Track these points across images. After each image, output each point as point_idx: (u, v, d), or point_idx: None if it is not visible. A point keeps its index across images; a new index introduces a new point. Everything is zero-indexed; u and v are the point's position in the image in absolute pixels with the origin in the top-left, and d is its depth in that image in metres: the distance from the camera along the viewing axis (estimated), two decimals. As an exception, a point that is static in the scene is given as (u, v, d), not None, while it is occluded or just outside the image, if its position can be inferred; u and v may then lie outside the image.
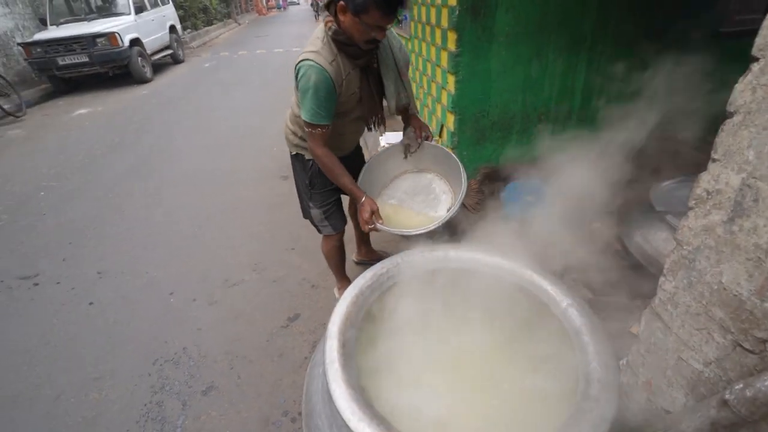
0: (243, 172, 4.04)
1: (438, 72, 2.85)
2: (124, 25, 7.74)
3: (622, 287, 2.05)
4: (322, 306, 2.30)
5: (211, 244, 2.93)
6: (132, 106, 6.73)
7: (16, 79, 7.44)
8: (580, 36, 2.50)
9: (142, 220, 3.32)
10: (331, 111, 1.47)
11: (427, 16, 2.91)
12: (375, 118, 1.69)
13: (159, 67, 9.42)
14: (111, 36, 7.32)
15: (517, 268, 1.11)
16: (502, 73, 2.54)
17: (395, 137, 2.13)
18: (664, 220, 1.77)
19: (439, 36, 2.68)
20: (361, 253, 2.51)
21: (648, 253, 1.84)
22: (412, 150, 1.79)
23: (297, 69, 1.42)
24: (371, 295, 1.10)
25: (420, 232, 1.51)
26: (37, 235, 3.20)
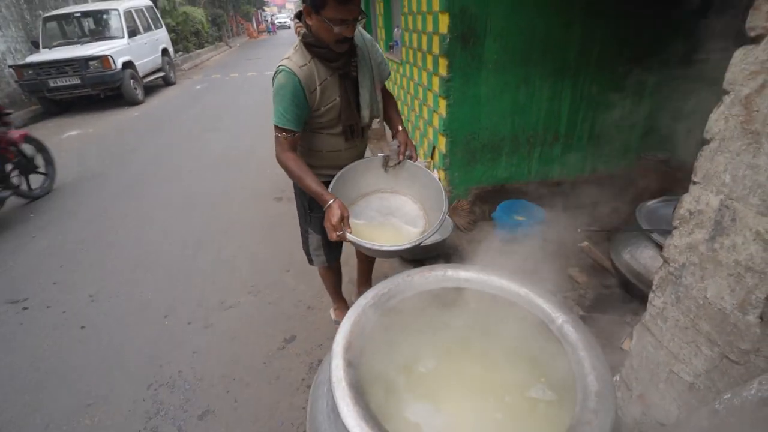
0: (236, 193, 4.06)
1: (430, 96, 2.96)
2: (117, 49, 7.83)
3: (612, 304, 2.11)
4: (318, 327, 2.30)
5: (206, 266, 2.92)
6: (123, 127, 6.74)
7: (6, 100, 7.42)
8: (564, 63, 2.63)
9: (134, 242, 3.30)
10: (300, 117, 1.45)
11: (419, 43, 3.03)
12: (350, 127, 1.60)
13: (151, 89, 9.49)
14: (104, 59, 7.39)
15: (513, 286, 1.15)
16: (491, 97, 2.65)
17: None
18: (650, 238, 1.84)
19: (431, 62, 2.80)
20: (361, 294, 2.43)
21: (635, 269, 1.90)
22: (390, 164, 1.65)
23: (272, 78, 1.45)
24: (373, 314, 1.13)
25: (396, 249, 1.40)
26: (27, 257, 3.15)
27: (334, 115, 1.54)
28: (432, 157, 3.04)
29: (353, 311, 1.10)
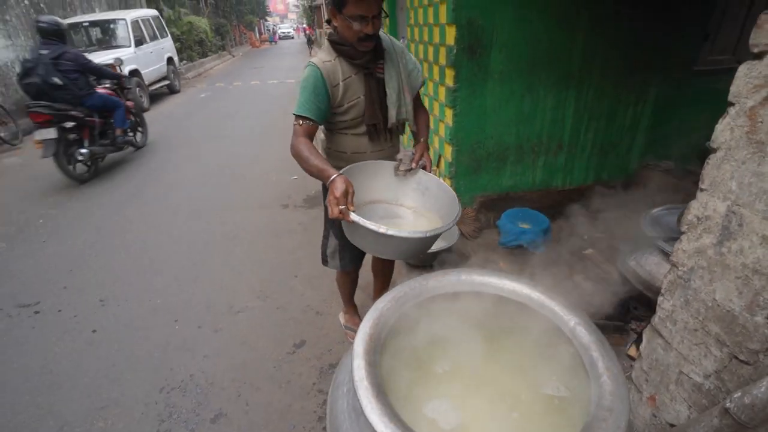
0: (242, 200, 4.10)
1: (436, 105, 3.01)
2: (125, 57, 7.93)
3: (617, 311, 2.13)
4: (327, 333, 2.32)
5: (214, 272, 2.95)
6: (129, 135, 6.81)
7: (13, 107, 7.49)
8: (568, 73, 2.69)
9: (143, 247, 3.34)
10: (319, 108, 1.49)
11: (425, 53, 3.10)
12: (374, 127, 1.61)
13: (156, 97, 9.59)
14: (111, 66, 7.48)
15: (526, 290, 1.18)
16: (496, 107, 2.71)
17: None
18: (655, 245, 1.87)
19: (438, 72, 2.86)
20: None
21: (641, 276, 1.93)
22: (401, 168, 1.62)
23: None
24: (391, 317, 1.16)
25: (404, 235, 1.27)
26: (37, 262, 3.19)
27: (357, 113, 1.58)
28: (438, 166, 3.09)
29: (372, 314, 1.14)
